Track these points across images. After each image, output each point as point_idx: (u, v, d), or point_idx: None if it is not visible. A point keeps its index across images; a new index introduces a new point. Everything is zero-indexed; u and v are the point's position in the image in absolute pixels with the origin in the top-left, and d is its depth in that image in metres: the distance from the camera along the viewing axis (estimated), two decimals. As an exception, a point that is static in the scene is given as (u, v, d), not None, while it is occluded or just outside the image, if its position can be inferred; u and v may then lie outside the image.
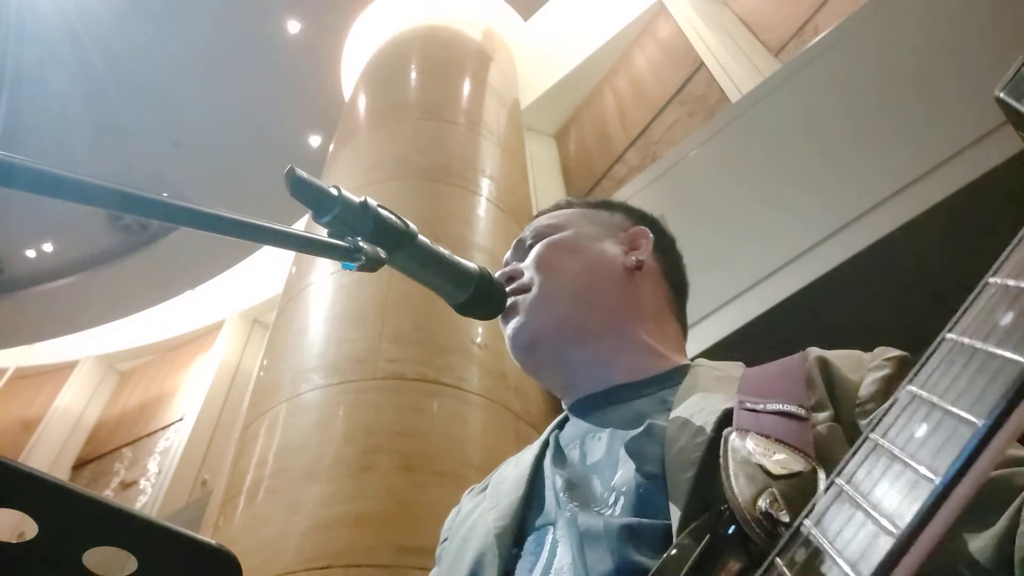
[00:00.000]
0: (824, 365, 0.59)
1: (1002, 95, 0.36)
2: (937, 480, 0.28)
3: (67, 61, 4.95)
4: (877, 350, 0.59)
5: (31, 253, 6.49)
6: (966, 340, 0.31)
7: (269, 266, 6.27)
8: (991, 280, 0.32)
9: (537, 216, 0.89)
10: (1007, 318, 0.30)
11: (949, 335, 0.32)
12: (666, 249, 0.85)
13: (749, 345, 2.18)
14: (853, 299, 2.17)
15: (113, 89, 5.15)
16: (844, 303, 2.16)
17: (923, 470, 0.29)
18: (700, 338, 2.24)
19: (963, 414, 0.29)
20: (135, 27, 4.85)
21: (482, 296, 0.66)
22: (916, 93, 2.23)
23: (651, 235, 0.83)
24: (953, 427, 0.29)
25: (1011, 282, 0.31)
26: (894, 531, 0.28)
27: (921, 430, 0.30)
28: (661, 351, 0.75)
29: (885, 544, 0.28)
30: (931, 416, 0.30)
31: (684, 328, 0.84)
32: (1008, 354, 0.28)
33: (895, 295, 2.10)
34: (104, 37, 4.88)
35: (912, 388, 0.32)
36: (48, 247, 6.47)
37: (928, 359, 0.33)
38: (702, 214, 2.64)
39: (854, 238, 2.12)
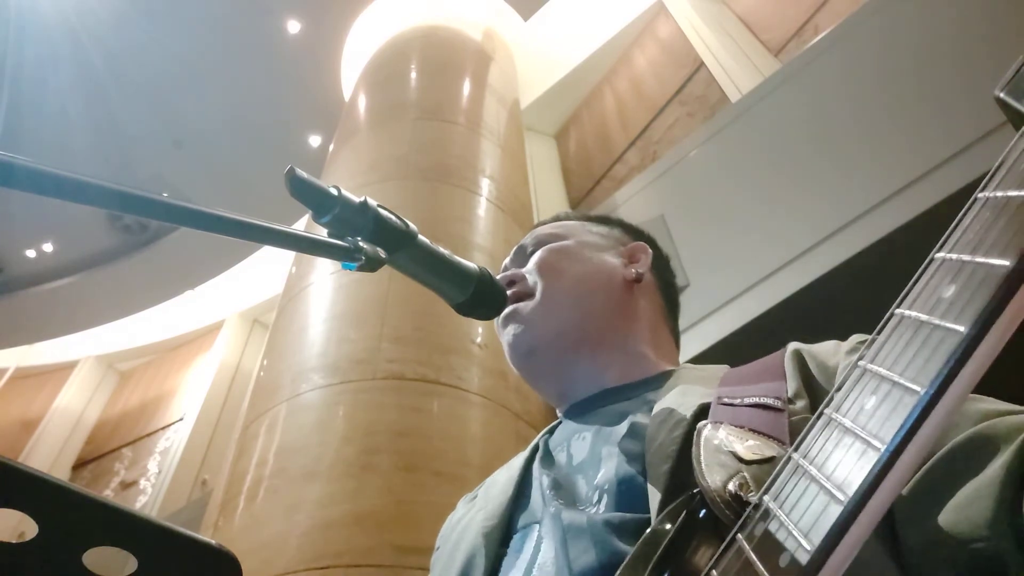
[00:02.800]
0: (800, 356, 0.60)
1: (1002, 95, 0.37)
2: (883, 448, 0.29)
3: (67, 61, 4.94)
4: (853, 336, 0.60)
5: (31, 253, 6.49)
6: (913, 313, 0.33)
7: (269, 266, 6.27)
8: (937, 255, 0.33)
9: (538, 226, 0.91)
10: (950, 290, 0.31)
11: (898, 310, 0.34)
12: (662, 266, 0.88)
13: (750, 344, 2.18)
14: (853, 299, 2.16)
15: (113, 89, 5.15)
16: (844, 303, 2.16)
17: (871, 439, 0.30)
18: (701, 337, 2.24)
19: (908, 384, 0.30)
20: (135, 27, 4.84)
21: (482, 296, 0.66)
22: (916, 93, 2.23)
23: (650, 251, 0.86)
24: (899, 397, 0.30)
25: (954, 256, 0.32)
26: (843, 499, 0.29)
27: (871, 402, 0.32)
28: (652, 358, 0.77)
29: (834, 512, 0.29)
30: (880, 388, 0.32)
31: (677, 341, 0.87)
32: (950, 324, 0.30)
33: (895, 295, 2.10)
34: (104, 37, 4.88)
35: (863, 363, 0.34)
36: (48, 247, 6.47)
37: (879, 334, 0.34)
38: (702, 214, 2.64)
39: (854, 238, 2.12)
